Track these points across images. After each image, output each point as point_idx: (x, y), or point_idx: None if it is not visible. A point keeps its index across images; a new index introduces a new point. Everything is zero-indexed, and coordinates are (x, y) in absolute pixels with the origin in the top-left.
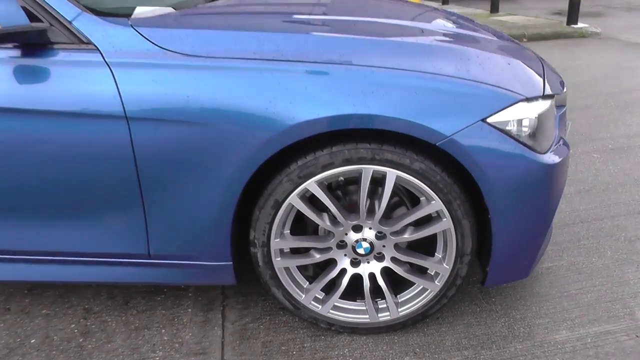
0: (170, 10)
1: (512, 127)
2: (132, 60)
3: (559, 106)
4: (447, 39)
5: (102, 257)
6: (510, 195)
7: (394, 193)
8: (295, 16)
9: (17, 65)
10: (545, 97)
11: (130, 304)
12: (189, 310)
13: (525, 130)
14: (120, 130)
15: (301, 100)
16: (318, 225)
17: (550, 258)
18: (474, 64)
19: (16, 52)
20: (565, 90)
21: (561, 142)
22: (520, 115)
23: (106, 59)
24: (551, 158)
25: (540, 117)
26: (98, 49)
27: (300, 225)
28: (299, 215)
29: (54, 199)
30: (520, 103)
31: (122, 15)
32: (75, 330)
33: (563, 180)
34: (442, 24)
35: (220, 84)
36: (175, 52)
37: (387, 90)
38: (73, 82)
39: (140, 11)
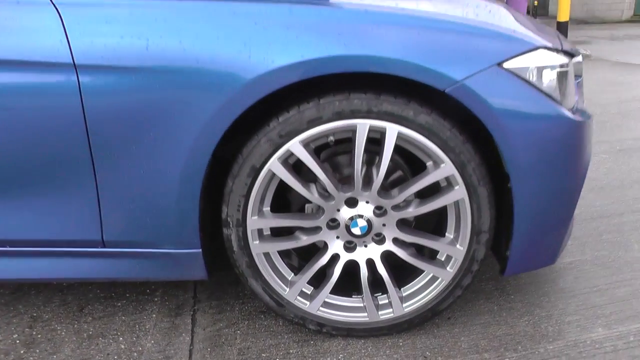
0: None
1: (532, 76)
2: (81, 0)
3: (576, 76)
4: None
5: (45, 246)
6: (533, 155)
7: (393, 165)
8: None
9: None
10: (564, 52)
11: (86, 311)
12: (153, 315)
13: (548, 80)
14: (67, 82)
15: (282, 41)
16: (304, 204)
17: (571, 253)
18: (484, 10)
19: None
20: (581, 59)
21: (583, 109)
22: (542, 63)
23: None
24: (577, 117)
25: (563, 70)
26: None
27: (283, 204)
28: (281, 192)
29: None
30: (540, 50)
31: None
32: (18, 341)
33: (589, 147)
34: None
35: (185, 25)
36: None
37: (384, 29)
38: (15, 25)
39: None
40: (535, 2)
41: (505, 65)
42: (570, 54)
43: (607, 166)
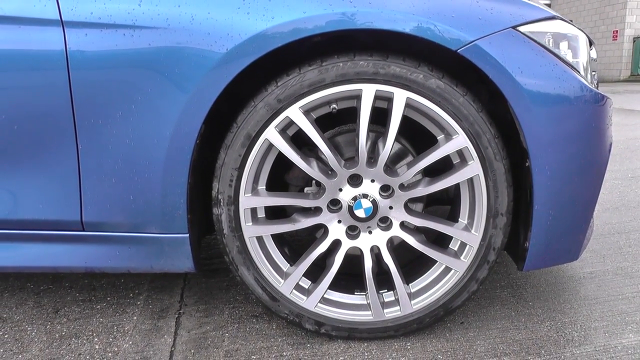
0: None
1: (550, 43)
2: None
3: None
4: None
5: (15, 228)
6: (555, 127)
7: (398, 146)
8: None
9: None
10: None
11: (61, 313)
12: (134, 318)
13: (566, 49)
14: (53, 40)
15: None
16: (303, 187)
17: (590, 264)
18: None
19: None
20: (595, 54)
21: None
22: (561, 31)
23: None
24: (599, 93)
25: (582, 44)
26: None
27: (280, 188)
28: (278, 173)
29: None
30: (557, 20)
31: None
32: None
33: (610, 130)
34: None
35: None
36: None
37: None
38: None
39: None
40: None
41: (522, 29)
42: (589, 41)
43: (620, 190)
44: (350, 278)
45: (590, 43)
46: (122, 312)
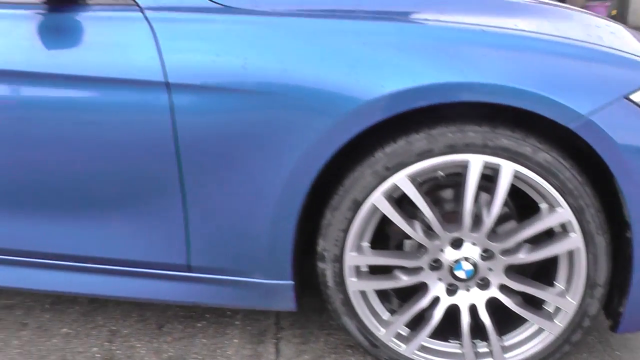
0: None
1: None
2: (176, 16)
3: None
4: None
5: (129, 266)
6: None
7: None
8: None
9: (41, 21)
10: None
11: (165, 329)
12: (235, 340)
13: None
14: (159, 101)
15: (394, 65)
16: (402, 240)
17: None
18: (606, 32)
19: (41, 7)
20: None
21: None
22: None
23: (146, 14)
24: None
25: None
26: (137, 3)
27: (380, 237)
28: (378, 226)
29: (74, 188)
30: None
31: None
32: (97, 355)
33: None
34: None
35: (286, 44)
36: (230, 6)
37: (503, 53)
38: (106, 42)
39: None
40: (614, 12)
41: (633, 97)
42: None
43: None
44: (444, 322)
45: None
46: (222, 333)
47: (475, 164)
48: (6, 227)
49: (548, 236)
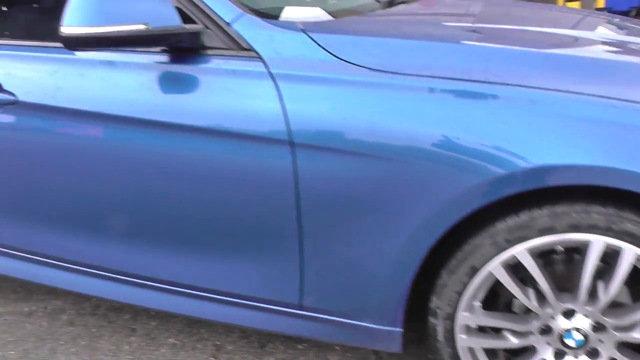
0: (323, 13)
1: None
2: (303, 73)
3: None
4: None
5: (243, 299)
6: None
7: None
8: (499, 26)
9: (164, 71)
10: None
11: (267, 349)
12: None
13: None
14: (282, 158)
15: (531, 139)
16: (511, 299)
17: None
18: None
19: (164, 57)
20: None
21: None
22: None
23: (270, 70)
24: None
25: None
26: (261, 57)
27: (489, 295)
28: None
29: (195, 228)
30: None
31: (269, 16)
32: None
33: None
34: None
35: (416, 109)
36: (359, 66)
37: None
38: (228, 95)
39: (293, 12)
40: None
41: None
42: None
43: None
44: None
45: None
46: (323, 357)
47: (597, 245)
48: (154, 259)
49: None
